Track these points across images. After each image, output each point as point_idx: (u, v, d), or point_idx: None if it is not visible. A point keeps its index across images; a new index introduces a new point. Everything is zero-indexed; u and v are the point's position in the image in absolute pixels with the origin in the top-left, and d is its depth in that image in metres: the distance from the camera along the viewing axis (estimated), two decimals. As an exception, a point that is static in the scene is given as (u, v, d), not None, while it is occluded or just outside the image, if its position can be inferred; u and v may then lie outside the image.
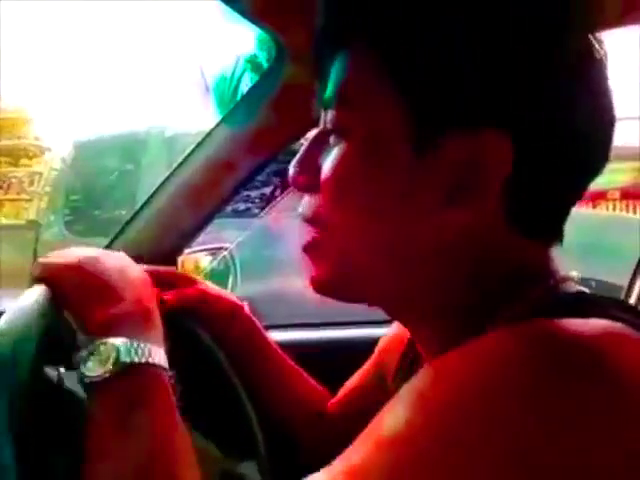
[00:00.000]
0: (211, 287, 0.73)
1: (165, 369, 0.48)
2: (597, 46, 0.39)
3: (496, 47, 0.37)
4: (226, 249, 0.89)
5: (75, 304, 0.50)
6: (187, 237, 0.85)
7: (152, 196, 0.83)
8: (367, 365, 0.72)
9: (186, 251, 0.87)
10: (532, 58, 0.37)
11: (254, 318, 0.74)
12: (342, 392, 0.74)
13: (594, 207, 3.95)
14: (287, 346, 0.77)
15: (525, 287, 0.39)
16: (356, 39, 0.41)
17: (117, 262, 0.55)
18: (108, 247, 0.82)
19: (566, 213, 0.42)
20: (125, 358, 0.45)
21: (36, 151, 5.76)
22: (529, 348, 0.32)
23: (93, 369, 0.45)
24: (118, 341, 0.46)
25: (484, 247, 0.40)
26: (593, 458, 0.28)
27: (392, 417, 0.34)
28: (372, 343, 0.71)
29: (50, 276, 0.51)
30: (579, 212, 0.43)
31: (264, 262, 2.45)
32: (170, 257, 0.80)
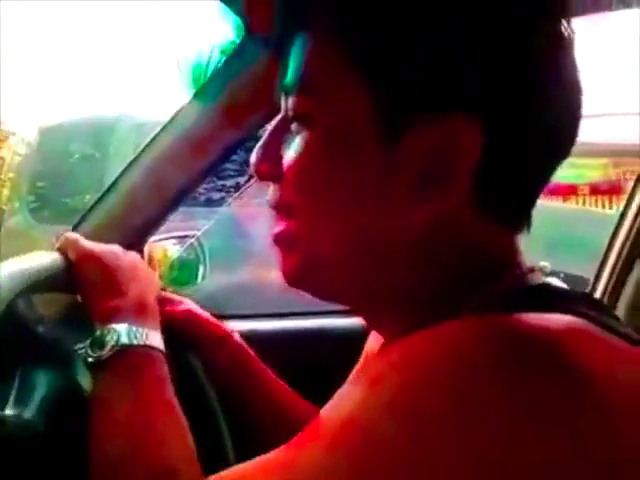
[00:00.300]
0: (197, 308, 0.72)
1: (161, 350, 0.55)
2: (565, 27, 0.38)
3: (466, 33, 0.36)
4: (193, 237, 0.86)
5: (87, 292, 0.58)
6: (153, 224, 0.82)
7: (116, 181, 0.80)
8: (353, 373, 0.71)
9: (154, 239, 0.85)
10: (502, 44, 0.36)
11: (245, 345, 0.72)
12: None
13: (564, 202, 4.05)
14: (255, 336, 0.76)
15: (492, 276, 0.38)
16: (318, 21, 0.40)
17: (131, 260, 0.63)
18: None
19: (534, 199, 0.41)
20: (125, 340, 0.52)
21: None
22: (490, 339, 0.31)
23: (96, 350, 0.52)
24: (119, 327, 0.53)
25: (454, 236, 0.39)
26: (552, 451, 0.28)
27: (346, 401, 0.34)
28: (343, 333, 0.70)
29: (73, 256, 0.59)
30: (549, 204, 0.43)
31: (234, 251, 2.43)
32: (135, 245, 0.78)
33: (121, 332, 0.53)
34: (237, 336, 0.73)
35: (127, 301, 0.57)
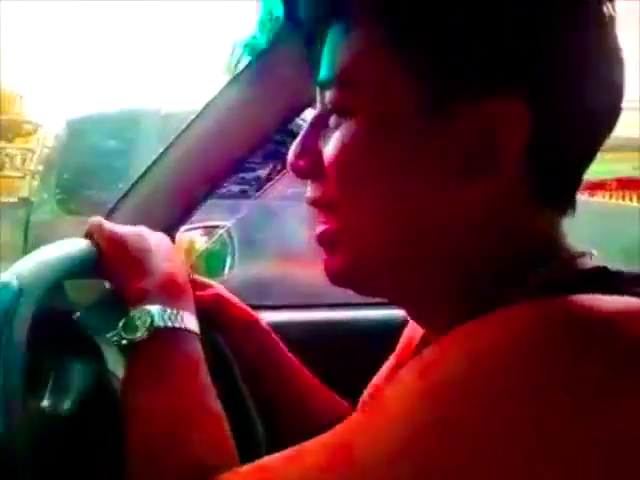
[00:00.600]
0: (226, 293, 0.72)
1: (196, 333, 0.53)
2: (606, 6, 0.38)
3: (508, 10, 0.36)
4: (223, 227, 0.86)
5: (116, 274, 0.56)
6: (185, 212, 0.83)
7: (148, 170, 0.81)
8: (387, 364, 0.70)
9: (181, 229, 0.85)
10: (543, 21, 0.36)
11: (271, 332, 0.72)
12: (364, 397, 0.72)
13: (591, 196, 4.00)
14: (283, 327, 0.76)
15: (541, 260, 0.38)
16: (359, 11, 0.39)
17: (157, 241, 0.60)
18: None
19: (580, 180, 0.41)
20: (159, 322, 0.50)
21: (29, 128, 5.69)
22: (550, 322, 0.31)
23: (130, 333, 0.50)
24: (153, 308, 0.51)
25: (503, 219, 0.39)
26: (595, 430, 0.28)
27: (398, 391, 0.33)
28: (374, 325, 0.69)
29: (100, 240, 0.57)
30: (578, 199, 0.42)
31: (260, 244, 2.44)
32: (168, 232, 0.78)
33: (154, 314, 0.50)
34: (264, 322, 0.73)
35: (157, 281, 0.54)
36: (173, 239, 0.80)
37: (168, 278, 0.55)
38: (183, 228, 0.85)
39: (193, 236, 0.96)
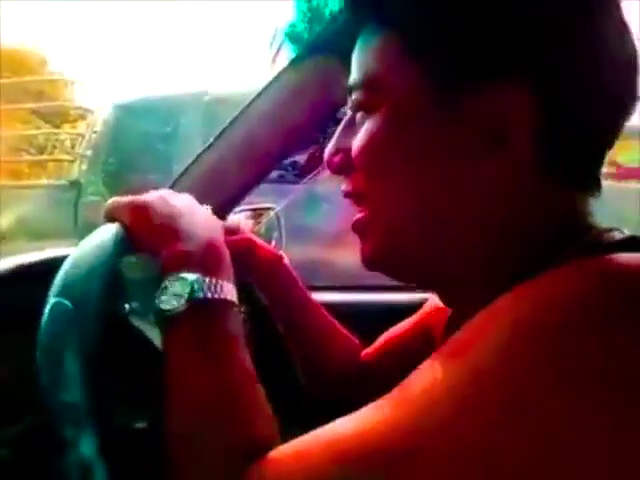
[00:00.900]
0: (252, 235, 0.76)
1: (236, 304, 0.49)
2: None
3: (508, 9, 0.39)
4: (273, 210, 0.89)
5: (147, 242, 0.50)
6: (238, 195, 0.86)
7: (201, 154, 0.84)
8: (411, 320, 0.73)
9: (234, 211, 0.88)
10: (544, 11, 0.38)
11: (291, 269, 0.76)
12: (380, 342, 0.75)
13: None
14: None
15: (571, 236, 0.39)
16: (381, 27, 0.44)
17: (185, 202, 0.55)
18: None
19: (600, 159, 0.42)
20: (199, 293, 0.46)
21: (78, 113, 5.84)
22: (591, 283, 0.32)
23: (168, 304, 0.46)
24: (191, 277, 0.47)
25: (524, 200, 0.41)
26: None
27: (435, 371, 0.34)
28: (411, 308, 0.71)
29: (122, 215, 0.51)
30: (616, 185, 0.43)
31: (306, 229, 2.46)
32: (223, 213, 0.82)
33: (193, 283, 0.46)
34: (286, 260, 0.76)
35: (196, 246, 0.50)
36: (225, 220, 0.83)
37: (205, 243, 0.51)
38: (236, 209, 0.88)
39: (240, 218, 0.99)
